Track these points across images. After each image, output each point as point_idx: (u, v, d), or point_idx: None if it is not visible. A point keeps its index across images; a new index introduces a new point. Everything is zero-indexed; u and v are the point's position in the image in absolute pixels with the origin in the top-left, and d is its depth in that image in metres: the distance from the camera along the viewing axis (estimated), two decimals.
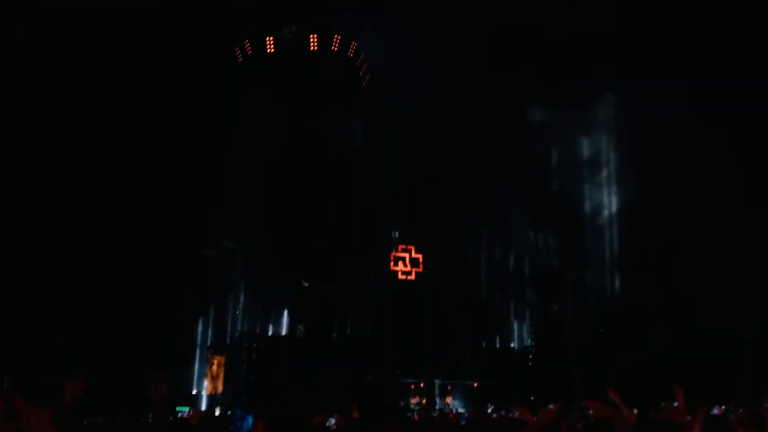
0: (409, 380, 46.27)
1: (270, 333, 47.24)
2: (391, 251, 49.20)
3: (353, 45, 46.91)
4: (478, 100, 39.93)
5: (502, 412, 25.64)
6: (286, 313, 47.47)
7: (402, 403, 44.89)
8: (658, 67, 37.49)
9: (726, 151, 35.37)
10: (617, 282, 45.64)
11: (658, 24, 37.69)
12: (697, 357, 40.68)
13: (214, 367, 46.06)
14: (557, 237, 47.03)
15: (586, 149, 46.41)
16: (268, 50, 45.11)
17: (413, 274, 48.90)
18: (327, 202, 46.64)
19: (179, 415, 32.05)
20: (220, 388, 45.48)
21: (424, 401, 45.33)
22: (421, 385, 46.32)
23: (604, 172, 45.75)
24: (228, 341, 46.28)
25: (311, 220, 45.77)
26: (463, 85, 38.84)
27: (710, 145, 34.73)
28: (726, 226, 35.57)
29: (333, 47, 46.26)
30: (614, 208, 45.87)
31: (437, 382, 46.36)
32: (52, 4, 37.37)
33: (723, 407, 22.49)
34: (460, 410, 43.77)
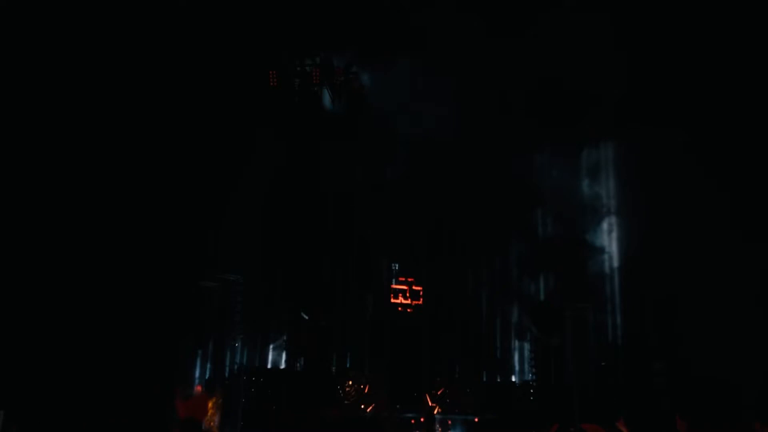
0: (409, 415, 45.92)
1: (269, 366, 47.00)
2: (391, 283, 49.16)
3: (356, 79, 47.09)
4: (482, 140, 40.26)
5: None
6: (285, 345, 47.35)
7: None
8: (667, 118, 37.89)
9: (728, 206, 35.88)
10: (618, 318, 45.76)
11: (671, 78, 38.09)
12: (697, 393, 40.92)
13: (212, 402, 45.69)
14: (558, 272, 47.15)
15: (588, 192, 46.87)
16: (271, 84, 45.38)
17: (413, 307, 48.82)
18: (327, 234, 46.70)
19: None
20: (217, 422, 45.10)
21: None
22: (422, 419, 46.08)
23: (606, 216, 46.21)
24: (226, 375, 45.96)
25: (311, 252, 45.76)
26: (468, 127, 39.17)
27: (714, 199, 35.19)
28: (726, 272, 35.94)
29: (336, 81, 46.47)
30: (615, 248, 46.17)
31: (438, 416, 46.08)
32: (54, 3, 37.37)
33: None
34: None
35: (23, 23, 36.59)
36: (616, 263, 46.16)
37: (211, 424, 44.01)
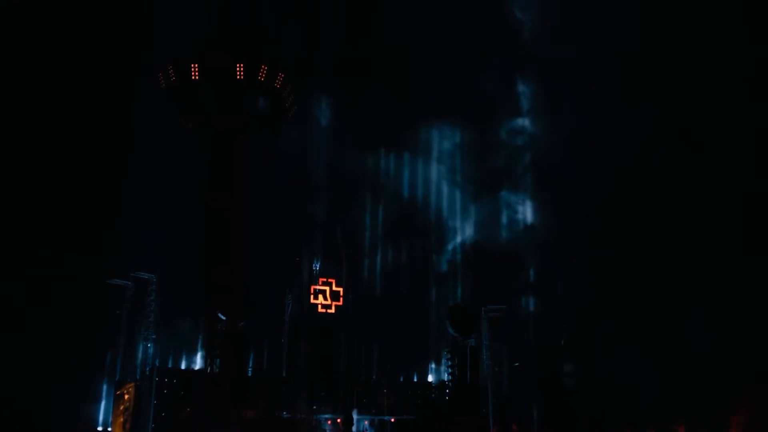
0: (326, 416, 45.79)
1: (183, 367, 45.67)
2: (311, 284, 48.64)
3: (280, 76, 46.55)
4: None
5: None
6: (200, 347, 46.06)
7: None
8: None
9: None
10: (533, 321, 47.16)
11: None
12: (605, 393, 42.80)
13: (124, 404, 44.04)
14: (475, 274, 48.12)
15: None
16: (193, 77, 44.25)
17: (333, 307, 48.52)
18: (244, 234, 45.63)
19: None
20: (129, 425, 43.49)
21: None
22: (338, 420, 45.93)
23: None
24: (138, 376, 44.31)
25: (226, 252, 44.58)
26: None
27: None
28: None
29: (260, 77, 45.82)
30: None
31: (355, 417, 46.09)
32: None
33: None
34: None
35: None
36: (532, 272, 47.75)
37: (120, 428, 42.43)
